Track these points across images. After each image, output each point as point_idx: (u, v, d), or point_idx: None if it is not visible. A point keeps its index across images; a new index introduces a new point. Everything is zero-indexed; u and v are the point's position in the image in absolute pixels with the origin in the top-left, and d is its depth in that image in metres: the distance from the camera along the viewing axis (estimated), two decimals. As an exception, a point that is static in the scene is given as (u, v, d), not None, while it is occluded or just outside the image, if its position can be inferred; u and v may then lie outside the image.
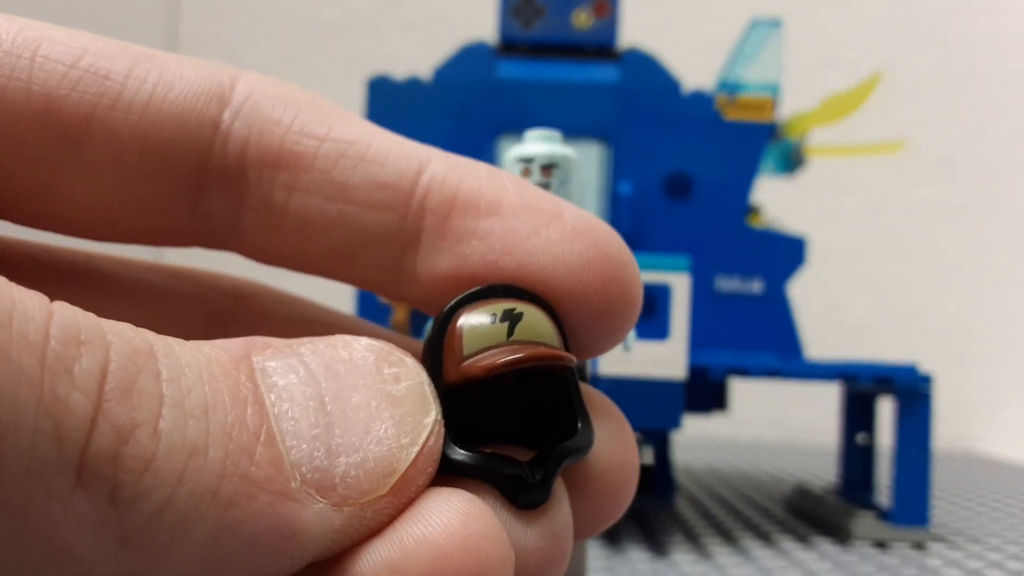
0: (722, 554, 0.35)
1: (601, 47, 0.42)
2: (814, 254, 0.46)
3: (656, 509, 0.43)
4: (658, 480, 0.44)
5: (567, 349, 0.14)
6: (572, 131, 0.40)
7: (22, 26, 0.14)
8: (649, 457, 0.22)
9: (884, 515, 0.39)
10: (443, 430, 0.13)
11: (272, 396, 0.12)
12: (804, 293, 0.68)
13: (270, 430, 0.12)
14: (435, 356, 0.14)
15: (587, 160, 0.41)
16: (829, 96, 0.45)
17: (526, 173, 0.20)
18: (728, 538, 0.38)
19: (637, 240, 0.42)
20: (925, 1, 0.93)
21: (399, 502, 0.12)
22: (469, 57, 0.41)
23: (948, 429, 0.89)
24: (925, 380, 0.38)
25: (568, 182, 0.21)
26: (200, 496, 0.11)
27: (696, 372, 0.37)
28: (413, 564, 0.12)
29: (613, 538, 0.37)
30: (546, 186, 0.20)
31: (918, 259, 0.93)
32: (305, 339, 0.13)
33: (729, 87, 0.43)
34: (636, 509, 0.43)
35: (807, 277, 0.49)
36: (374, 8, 0.93)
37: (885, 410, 0.43)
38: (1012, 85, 0.93)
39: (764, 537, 0.38)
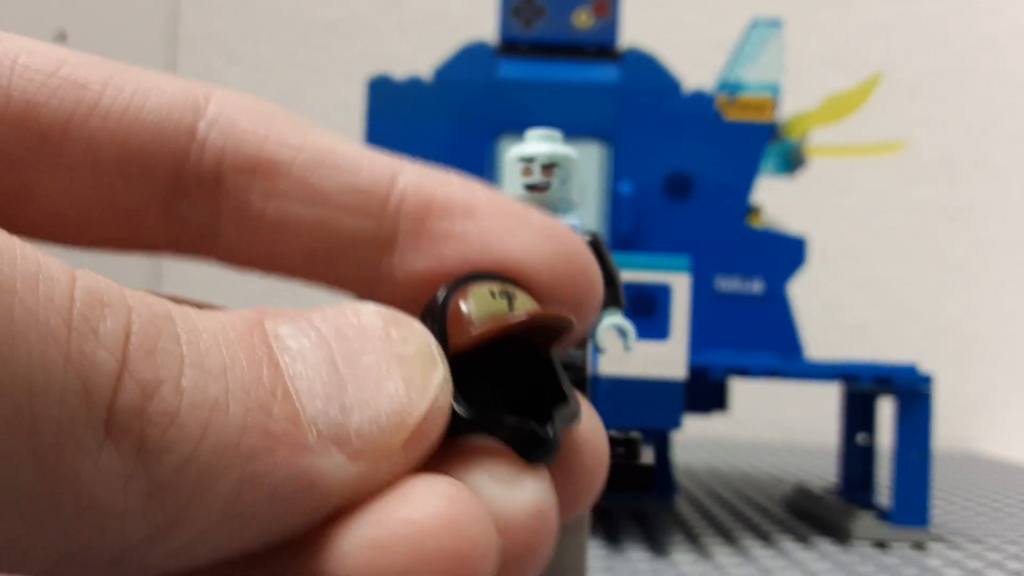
0: (722, 554, 0.35)
1: (601, 47, 0.42)
2: (814, 254, 0.47)
3: (656, 509, 0.43)
4: (658, 480, 0.44)
5: None
6: (572, 131, 0.40)
7: (0, 39, 0.14)
8: (650, 457, 0.22)
9: (884, 515, 0.39)
10: (451, 387, 0.13)
11: (286, 358, 0.12)
12: (804, 293, 0.68)
13: (286, 388, 0.12)
14: (438, 331, 0.14)
15: (587, 160, 0.41)
16: (829, 96, 0.45)
17: (527, 172, 0.21)
18: (728, 538, 0.38)
19: (637, 240, 0.42)
20: (925, 1, 0.93)
21: (412, 456, 0.13)
22: (469, 57, 0.41)
23: (948, 429, 0.89)
24: (925, 380, 0.38)
25: (568, 181, 0.21)
26: (223, 449, 0.11)
27: (696, 372, 0.37)
28: (396, 543, 0.12)
29: (613, 538, 0.37)
30: (547, 185, 0.20)
31: (918, 259, 0.93)
32: (315, 308, 0.14)
33: (729, 87, 0.43)
34: (636, 509, 0.43)
35: (807, 277, 0.49)
36: (374, 8, 0.93)
37: (885, 410, 0.43)
38: (1012, 85, 0.93)
39: (764, 537, 0.39)
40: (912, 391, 0.37)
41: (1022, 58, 0.93)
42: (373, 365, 0.13)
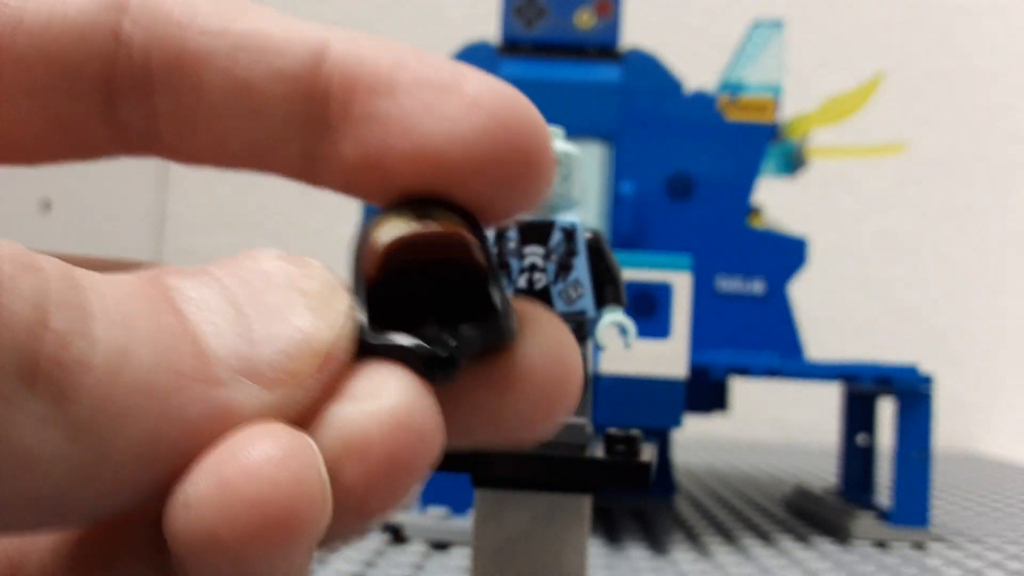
0: (722, 553, 0.35)
1: (603, 47, 0.42)
2: (814, 255, 0.47)
3: (656, 508, 0.44)
4: (658, 479, 0.44)
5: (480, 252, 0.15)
6: (574, 131, 0.40)
7: None
8: (650, 454, 0.22)
9: (884, 515, 0.39)
10: (356, 314, 0.14)
11: (189, 307, 0.13)
12: (805, 293, 0.69)
13: (191, 331, 0.13)
14: (357, 264, 0.14)
15: (589, 160, 0.42)
16: (830, 97, 0.46)
17: None
18: (728, 537, 0.38)
19: (639, 240, 0.42)
20: (926, 3, 0.93)
21: (324, 379, 0.13)
22: (471, 56, 0.42)
23: (948, 430, 0.90)
24: (925, 381, 0.38)
25: (570, 178, 0.21)
26: (136, 391, 0.12)
27: (697, 371, 0.37)
28: (201, 499, 0.12)
29: (614, 537, 0.37)
30: None
31: (918, 260, 0.93)
32: (213, 261, 0.14)
33: (731, 88, 0.43)
34: (636, 508, 0.43)
35: (807, 277, 0.50)
36: (376, 8, 0.94)
37: (885, 411, 0.43)
38: (1012, 86, 0.93)
39: (764, 537, 0.39)
40: (912, 391, 0.38)
41: (1022, 59, 0.93)
42: (278, 302, 0.13)
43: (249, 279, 0.14)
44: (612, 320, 0.21)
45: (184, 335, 0.13)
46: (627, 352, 0.34)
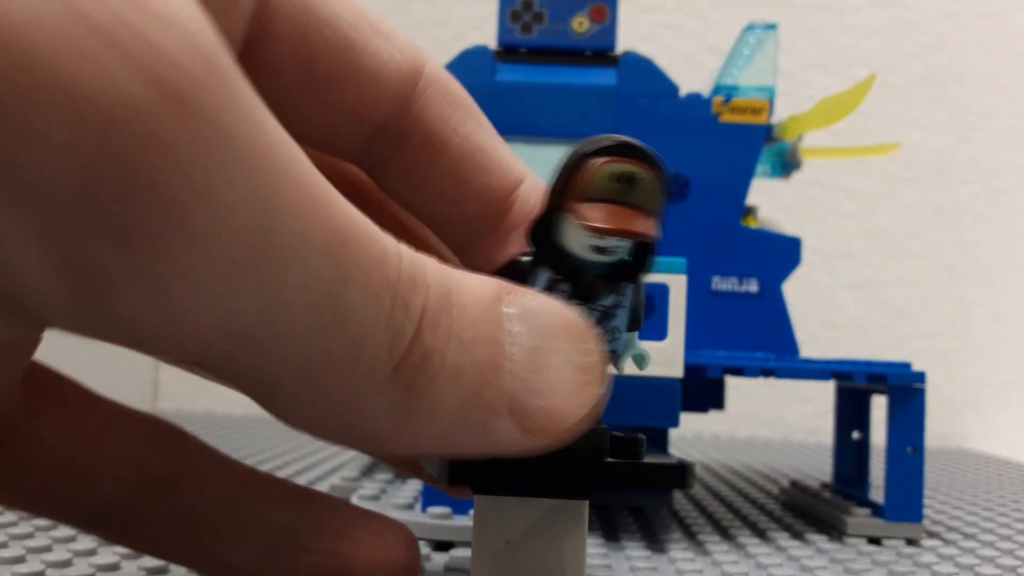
0: (719, 551, 0.35)
1: (600, 52, 0.42)
2: (808, 255, 0.47)
3: (653, 506, 0.44)
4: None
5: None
6: (571, 133, 0.40)
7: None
8: (671, 457, 0.23)
9: (878, 511, 0.40)
10: (604, 403, 0.18)
11: (508, 339, 0.17)
12: (799, 293, 0.69)
13: (502, 365, 0.16)
14: (563, 181, 0.18)
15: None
16: (823, 99, 0.46)
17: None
18: (724, 534, 0.39)
19: (635, 241, 0.42)
20: (918, 5, 0.94)
21: (558, 441, 0.17)
22: (469, 61, 0.42)
23: (940, 426, 0.90)
24: (918, 377, 0.38)
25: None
26: (454, 399, 0.16)
27: (693, 371, 0.37)
28: None
29: (611, 534, 0.38)
30: (616, 250, 0.22)
31: (910, 260, 0.93)
32: (534, 292, 0.18)
33: (725, 90, 0.43)
34: (634, 505, 0.44)
35: (801, 277, 0.50)
36: (376, 12, 0.94)
37: (879, 409, 0.43)
38: (1003, 88, 0.94)
39: (760, 533, 0.39)
40: (905, 388, 0.38)
41: (1013, 61, 0.94)
42: (559, 364, 0.17)
43: (551, 330, 0.17)
44: (634, 354, 0.22)
45: (497, 369, 0.16)
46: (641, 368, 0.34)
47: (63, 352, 0.22)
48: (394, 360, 0.15)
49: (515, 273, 0.19)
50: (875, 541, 0.39)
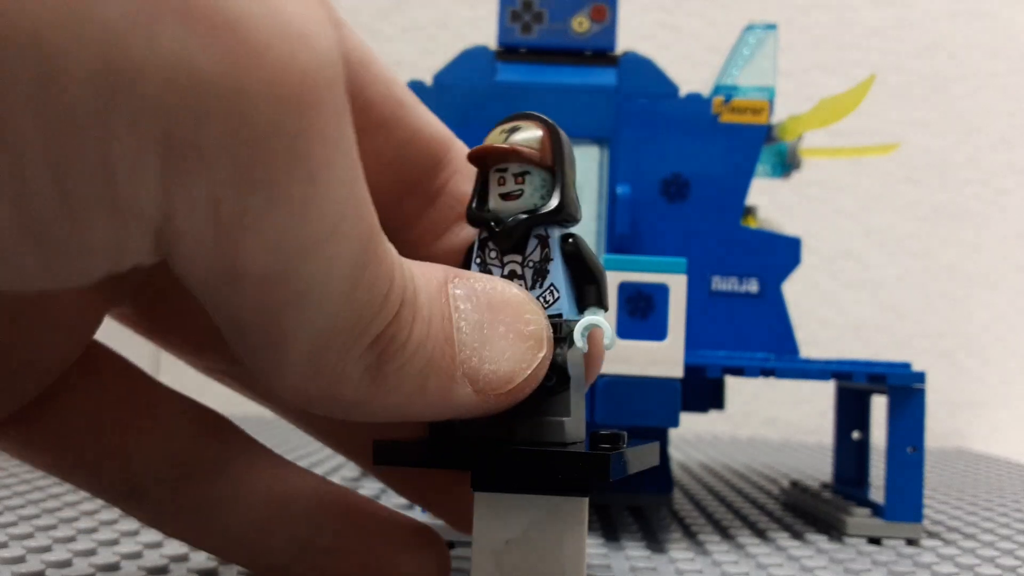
0: (719, 551, 0.35)
1: (599, 51, 0.42)
2: (808, 255, 0.47)
3: (653, 506, 0.44)
4: (657, 477, 0.45)
5: (552, 161, 0.23)
6: (571, 133, 0.40)
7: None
8: (649, 453, 0.23)
9: (878, 511, 0.40)
10: (548, 364, 0.21)
11: (456, 315, 0.20)
12: (798, 293, 0.69)
13: (453, 337, 0.20)
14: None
15: (585, 162, 0.42)
16: (823, 99, 0.46)
17: (500, 183, 0.23)
18: (724, 534, 0.39)
19: (635, 241, 0.42)
20: (918, 5, 0.94)
21: (511, 399, 0.20)
22: (469, 61, 0.42)
23: (940, 426, 0.90)
24: (918, 377, 0.38)
25: (536, 191, 0.22)
26: (420, 365, 0.19)
27: (693, 371, 0.37)
28: None
29: (611, 534, 0.38)
30: (519, 193, 0.22)
31: (910, 260, 0.93)
32: (476, 275, 0.21)
33: (725, 90, 0.43)
34: (634, 505, 0.44)
35: (801, 277, 0.50)
36: (375, 13, 0.94)
37: (879, 408, 0.43)
38: (1003, 88, 0.94)
39: (760, 533, 0.39)
40: (905, 388, 0.38)
41: (1013, 61, 0.94)
42: (504, 334, 0.20)
43: (495, 304, 0.20)
44: (589, 322, 0.22)
45: (449, 340, 0.19)
46: (625, 353, 0.34)
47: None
48: (372, 334, 0.18)
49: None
50: (875, 541, 0.39)
